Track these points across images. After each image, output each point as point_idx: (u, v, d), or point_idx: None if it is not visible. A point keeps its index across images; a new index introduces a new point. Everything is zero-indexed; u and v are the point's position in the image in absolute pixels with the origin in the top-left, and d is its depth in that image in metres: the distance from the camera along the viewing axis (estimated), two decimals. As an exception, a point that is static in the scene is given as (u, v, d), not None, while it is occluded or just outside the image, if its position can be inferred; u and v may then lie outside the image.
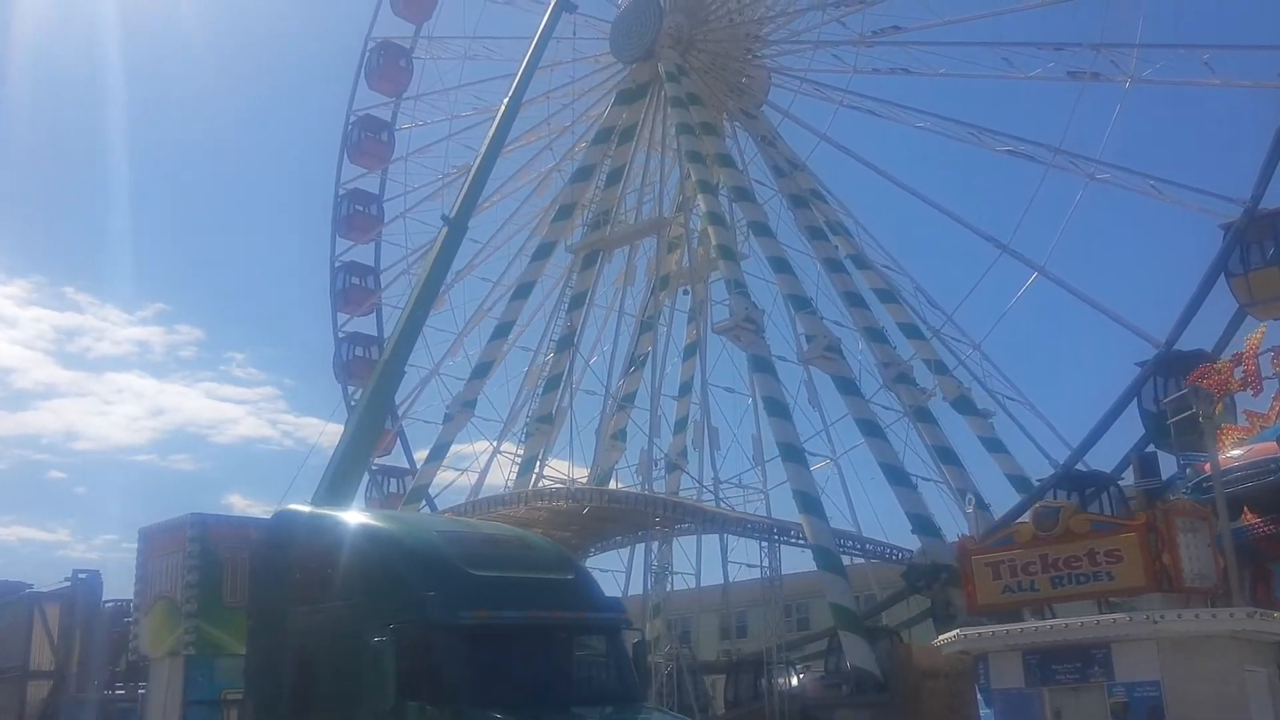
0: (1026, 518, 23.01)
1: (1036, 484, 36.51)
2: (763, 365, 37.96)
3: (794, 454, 35.77)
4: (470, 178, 40.04)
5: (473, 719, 12.98)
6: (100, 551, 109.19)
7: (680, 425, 50.63)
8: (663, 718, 15.33)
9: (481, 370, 47.46)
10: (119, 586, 26.72)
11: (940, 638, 23.56)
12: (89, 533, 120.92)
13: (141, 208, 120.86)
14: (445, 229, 38.77)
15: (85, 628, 22.59)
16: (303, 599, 15.80)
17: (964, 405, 42.64)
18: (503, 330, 47.80)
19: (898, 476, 37.76)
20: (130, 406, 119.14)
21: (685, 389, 50.95)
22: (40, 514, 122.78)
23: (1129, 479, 35.12)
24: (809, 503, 34.43)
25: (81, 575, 22.79)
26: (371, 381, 36.73)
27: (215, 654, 18.15)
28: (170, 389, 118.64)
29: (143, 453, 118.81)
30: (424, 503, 47.51)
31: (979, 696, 21.15)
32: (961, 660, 22.56)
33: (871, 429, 38.59)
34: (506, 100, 41.58)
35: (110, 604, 23.42)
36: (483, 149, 40.74)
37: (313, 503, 31.17)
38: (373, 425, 35.93)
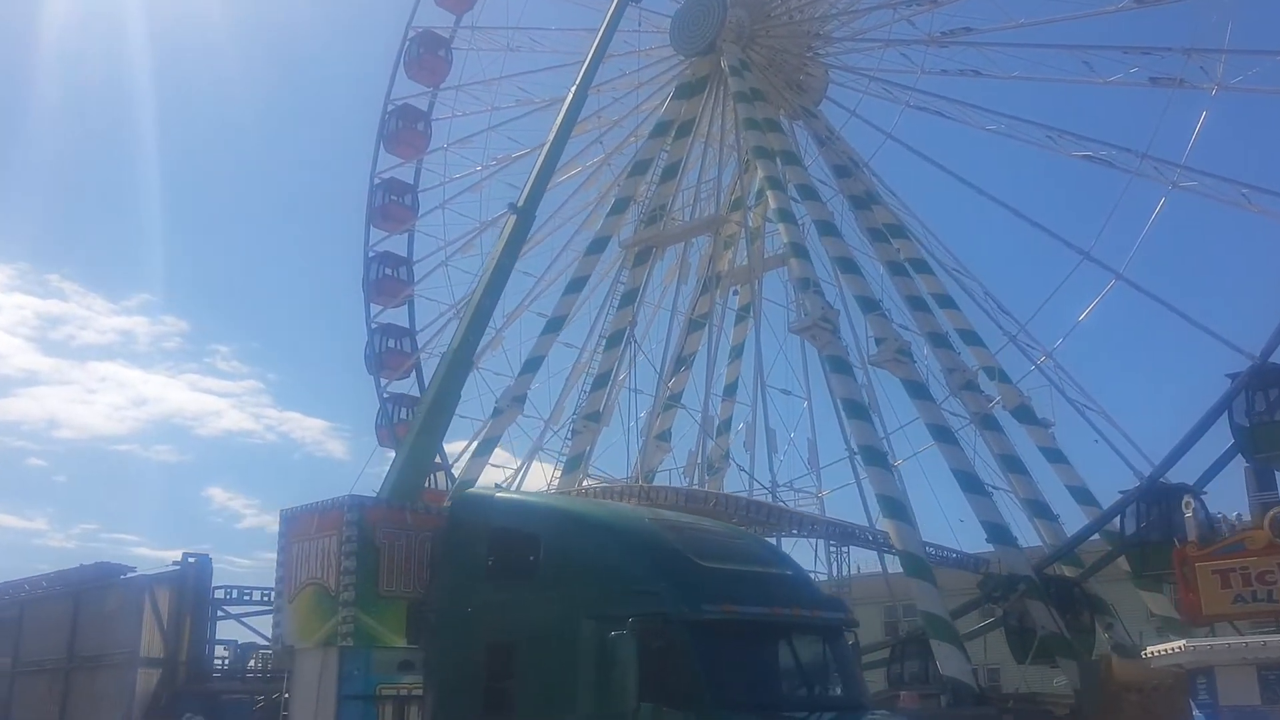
0: (1263, 523, 21.95)
1: (1120, 495, 35.81)
2: (840, 366, 37.09)
3: (877, 457, 34.96)
4: (538, 166, 38.86)
5: None
6: (78, 541, 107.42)
7: (724, 427, 49.77)
8: None
9: (532, 365, 46.37)
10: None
11: (1152, 649, 22.65)
12: (67, 521, 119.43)
13: (129, 197, 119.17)
14: (513, 217, 37.94)
15: (195, 614, 21.44)
16: (498, 589, 14.81)
17: (1024, 414, 41.95)
18: (554, 325, 46.71)
19: (971, 484, 36.93)
20: (113, 396, 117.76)
21: (730, 390, 50.11)
22: (18, 501, 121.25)
23: (1210, 492, 34.78)
24: (895, 507, 33.62)
25: (191, 559, 21.61)
26: (439, 374, 35.63)
27: (371, 645, 17.00)
28: (154, 380, 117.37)
29: (124, 443, 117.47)
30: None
31: (1195, 713, 20.21)
32: (1171, 674, 21.61)
33: (944, 434, 37.76)
34: (574, 89, 40.59)
35: (220, 589, 22.30)
36: (550, 136, 39.70)
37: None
38: (440, 420, 34.84)
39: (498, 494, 17.26)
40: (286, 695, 17.84)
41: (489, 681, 14.41)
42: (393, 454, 55.01)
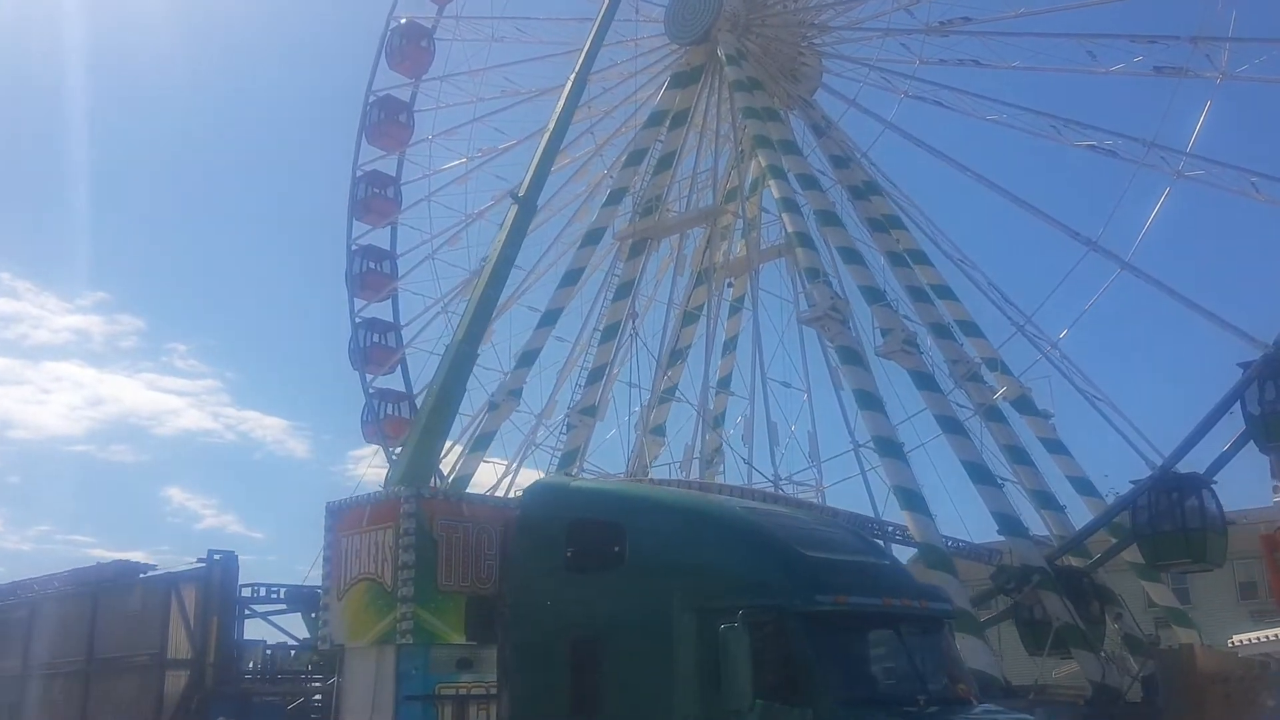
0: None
1: (1131, 485, 35.65)
2: (852, 357, 36.67)
3: (892, 448, 34.54)
4: (539, 154, 38.36)
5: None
6: (34, 543, 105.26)
7: (718, 421, 49.23)
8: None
9: (528, 359, 45.62)
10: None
11: (1239, 638, 22.28)
12: (22, 523, 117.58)
13: (82, 194, 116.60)
14: (515, 207, 37.37)
15: (222, 613, 20.52)
16: (578, 581, 14.12)
17: (1024, 405, 41.79)
18: (550, 318, 45.96)
19: (981, 475, 36.67)
20: (68, 396, 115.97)
21: (724, 383, 49.58)
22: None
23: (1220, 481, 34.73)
24: (912, 499, 33.23)
25: (216, 556, 20.65)
26: (443, 367, 34.97)
27: (430, 643, 16.26)
28: (110, 379, 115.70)
29: (80, 443, 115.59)
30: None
31: (1286, 702, 19.84)
32: (1258, 664, 21.20)
33: (953, 426, 37.44)
34: (573, 75, 40.01)
35: (246, 587, 21.38)
36: (550, 124, 39.17)
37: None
38: (446, 413, 34.27)
39: (573, 482, 16.57)
40: (315, 698, 17.05)
41: (572, 678, 13.73)
42: (374, 450, 54.71)
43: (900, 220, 44.18)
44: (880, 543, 38.03)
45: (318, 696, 20.80)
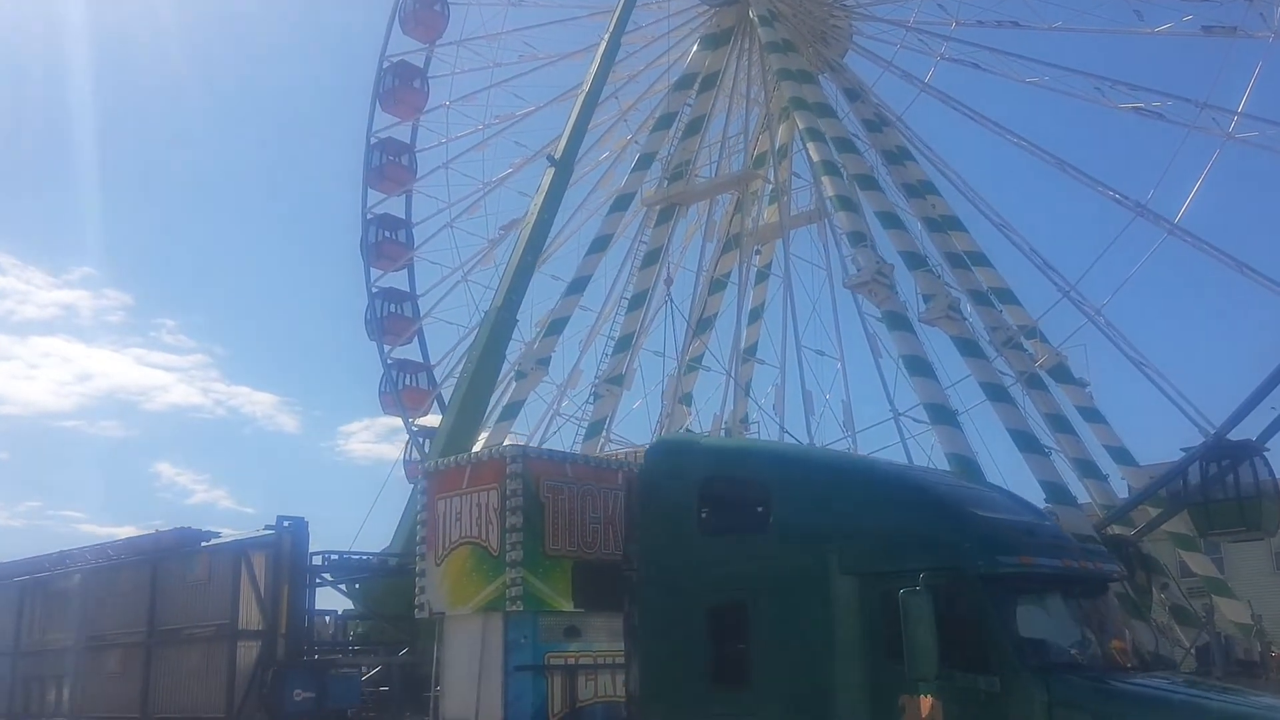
0: None
1: (1182, 452, 35.02)
2: (900, 323, 35.84)
3: (945, 415, 33.78)
4: (574, 116, 37.88)
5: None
6: (25, 519, 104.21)
7: (746, 389, 48.40)
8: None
9: (556, 327, 44.49)
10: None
11: None
12: (12, 499, 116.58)
13: (66, 167, 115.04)
14: (551, 169, 36.69)
15: (293, 582, 19.64)
16: (716, 544, 13.28)
17: (1061, 374, 41.10)
18: (578, 286, 44.89)
19: (1028, 443, 35.96)
20: (56, 371, 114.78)
21: (751, 352, 48.73)
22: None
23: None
24: (968, 466, 32.43)
25: (286, 523, 19.77)
26: (483, 332, 34.30)
27: (539, 610, 15.45)
28: (98, 354, 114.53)
29: (69, 419, 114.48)
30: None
31: None
32: None
33: (998, 393, 36.75)
34: (607, 35, 39.44)
35: (317, 555, 20.51)
36: (586, 86, 38.52)
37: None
38: (488, 379, 33.67)
39: (701, 440, 15.72)
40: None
41: (713, 647, 12.90)
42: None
43: (935, 185, 43.35)
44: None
45: (362, 668, 20.15)
